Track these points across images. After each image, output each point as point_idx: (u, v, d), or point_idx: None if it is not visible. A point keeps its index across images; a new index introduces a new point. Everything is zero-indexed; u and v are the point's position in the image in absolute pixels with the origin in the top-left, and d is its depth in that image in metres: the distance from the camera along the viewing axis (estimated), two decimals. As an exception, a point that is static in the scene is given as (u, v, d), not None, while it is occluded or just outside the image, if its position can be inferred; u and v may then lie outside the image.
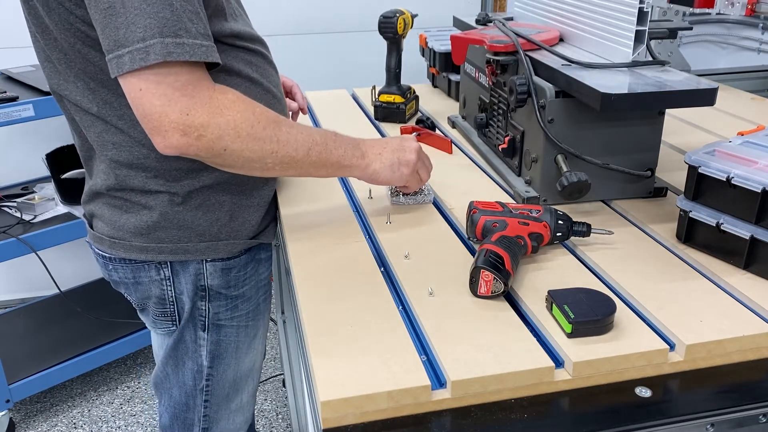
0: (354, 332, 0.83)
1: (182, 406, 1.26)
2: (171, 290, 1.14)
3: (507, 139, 1.26)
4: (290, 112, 1.42)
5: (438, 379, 0.77)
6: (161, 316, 1.18)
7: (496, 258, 0.90)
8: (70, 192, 2.13)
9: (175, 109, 0.88)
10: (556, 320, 0.84)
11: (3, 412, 2.10)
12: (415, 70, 2.13)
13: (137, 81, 0.87)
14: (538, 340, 0.82)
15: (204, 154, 0.93)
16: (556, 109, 1.11)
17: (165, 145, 0.90)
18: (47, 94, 1.91)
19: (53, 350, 2.23)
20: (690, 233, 1.03)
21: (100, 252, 1.14)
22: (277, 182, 1.24)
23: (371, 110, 1.69)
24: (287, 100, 1.43)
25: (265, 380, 2.45)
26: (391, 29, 1.56)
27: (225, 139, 0.92)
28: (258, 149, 0.96)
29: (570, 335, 0.81)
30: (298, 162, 1.01)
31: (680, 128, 1.58)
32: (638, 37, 1.11)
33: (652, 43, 1.17)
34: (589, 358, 0.78)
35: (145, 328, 2.30)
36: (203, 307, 1.17)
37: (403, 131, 1.53)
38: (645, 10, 1.08)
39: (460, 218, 1.13)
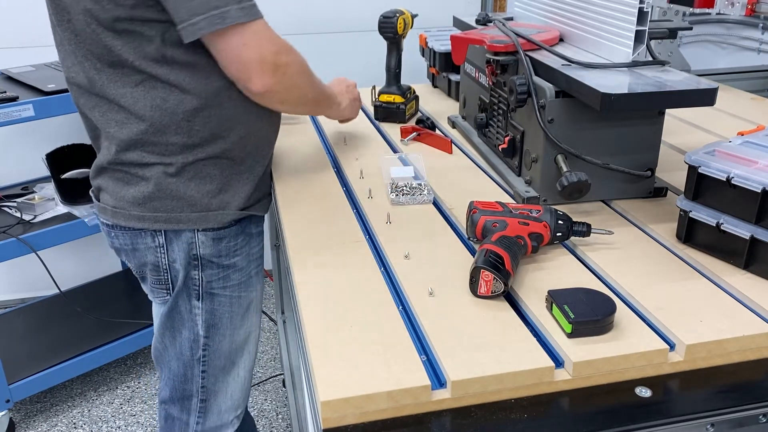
0: (354, 332, 0.83)
1: (181, 378, 1.31)
2: (165, 258, 1.21)
3: (507, 139, 1.26)
4: None
5: (438, 379, 0.77)
6: (157, 283, 1.25)
7: (496, 258, 0.90)
8: (70, 192, 2.13)
9: (270, 53, 1.06)
10: (556, 320, 0.84)
11: (3, 412, 2.10)
12: (415, 70, 2.13)
13: (239, 38, 1.03)
14: (538, 340, 0.82)
15: (282, 90, 1.11)
16: (556, 109, 1.11)
17: (262, 84, 1.07)
18: (47, 94, 1.91)
19: (53, 350, 2.22)
20: (690, 233, 1.03)
21: (104, 221, 1.24)
22: (273, 175, 1.29)
23: (371, 110, 1.69)
24: None
25: (265, 380, 2.45)
26: (391, 29, 1.56)
27: (296, 75, 1.13)
28: (309, 83, 1.19)
29: (570, 335, 0.81)
30: (321, 98, 1.28)
31: (680, 128, 1.58)
32: (638, 37, 1.11)
33: (652, 43, 1.17)
34: (589, 358, 0.78)
35: (145, 327, 2.30)
36: (196, 276, 1.23)
37: (403, 131, 1.53)
38: (645, 10, 1.08)
39: (460, 218, 1.13)
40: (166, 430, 1.38)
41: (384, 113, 1.65)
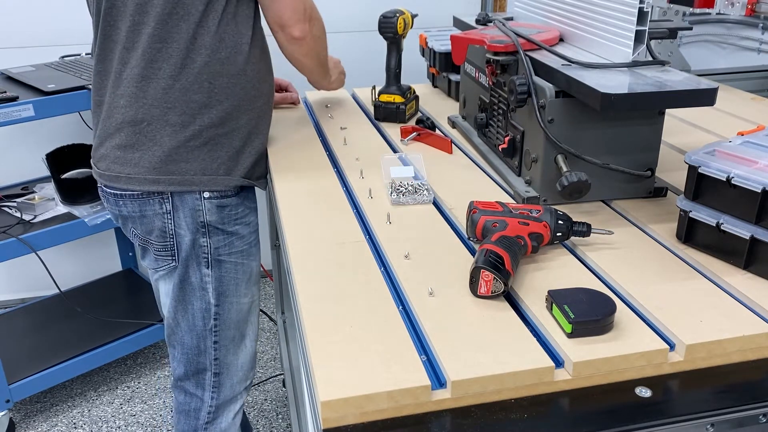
0: (354, 332, 0.83)
1: (194, 351, 1.40)
2: (171, 223, 1.31)
3: (507, 139, 1.26)
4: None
5: (438, 379, 0.77)
6: (162, 250, 1.34)
7: (496, 258, 0.90)
8: (70, 192, 2.13)
9: (308, 5, 1.30)
10: (556, 320, 0.84)
11: (3, 412, 2.10)
12: (415, 70, 2.13)
13: None
14: (538, 340, 0.82)
15: (311, 40, 1.32)
16: (556, 109, 1.11)
17: (301, 30, 1.28)
18: (47, 94, 1.91)
19: (53, 350, 2.22)
20: (690, 233, 1.03)
21: (113, 191, 1.31)
22: (273, 175, 1.31)
23: (371, 110, 1.69)
24: (286, 93, 1.80)
25: (265, 380, 2.45)
26: (391, 29, 1.56)
27: (320, 30, 1.36)
28: (325, 44, 1.43)
29: (570, 335, 0.81)
30: (325, 63, 1.51)
31: (680, 128, 1.58)
32: (638, 37, 1.11)
33: (652, 43, 1.17)
34: (589, 358, 0.78)
35: (145, 328, 2.30)
36: (205, 243, 1.33)
37: (403, 131, 1.53)
38: (645, 10, 1.08)
39: (460, 218, 1.13)
40: (182, 408, 1.45)
41: (384, 113, 1.65)
